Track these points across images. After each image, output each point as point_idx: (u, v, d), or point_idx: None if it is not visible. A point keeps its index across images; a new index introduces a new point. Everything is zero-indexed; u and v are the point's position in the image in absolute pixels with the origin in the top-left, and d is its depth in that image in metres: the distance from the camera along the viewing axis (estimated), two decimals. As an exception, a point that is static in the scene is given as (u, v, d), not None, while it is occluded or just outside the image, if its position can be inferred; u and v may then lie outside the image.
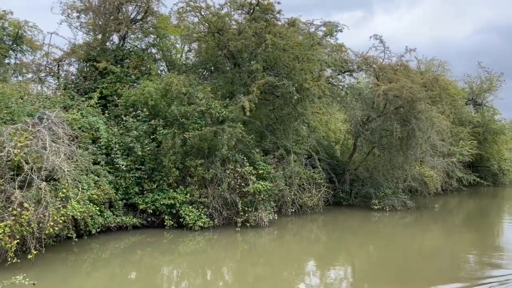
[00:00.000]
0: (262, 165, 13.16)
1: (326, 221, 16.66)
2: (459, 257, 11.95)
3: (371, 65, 17.50)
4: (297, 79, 12.08)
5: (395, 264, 10.99)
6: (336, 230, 15.58)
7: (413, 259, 11.70)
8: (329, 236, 14.67)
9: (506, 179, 34.17)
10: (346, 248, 13.14)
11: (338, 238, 14.41)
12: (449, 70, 31.06)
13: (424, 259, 11.70)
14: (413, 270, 10.52)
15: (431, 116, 17.20)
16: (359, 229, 15.78)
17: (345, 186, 19.00)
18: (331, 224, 16.48)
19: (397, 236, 14.89)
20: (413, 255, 12.25)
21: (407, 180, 18.65)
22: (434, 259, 11.59)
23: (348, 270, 10.93)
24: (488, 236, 15.76)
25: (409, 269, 10.58)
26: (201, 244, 12.15)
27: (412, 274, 10.17)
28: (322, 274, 10.37)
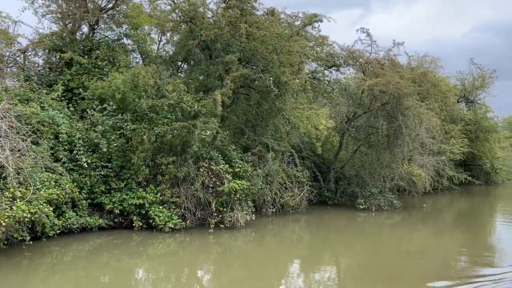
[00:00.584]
0: (239, 163, 12.45)
1: (310, 221, 16.01)
2: (448, 256, 11.38)
3: (357, 59, 16.82)
4: (275, 72, 11.36)
5: (382, 264, 10.46)
6: (320, 230, 14.93)
7: (400, 259, 11.26)
8: (312, 237, 14.03)
9: (498, 178, 33.68)
10: (330, 248, 12.54)
11: (322, 238, 13.77)
12: (442, 67, 30.48)
13: (412, 259, 11.30)
14: (400, 270, 10.10)
15: (419, 112, 16.56)
16: (344, 229, 15.17)
17: (330, 185, 18.34)
18: (315, 224, 15.84)
19: (384, 236, 14.35)
20: (400, 255, 11.82)
21: (394, 179, 18.03)
22: (422, 259, 11.09)
23: (333, 271, 10.37)
24: (479, 235, 15.31)
25: (397, 269, 10.14)
26: (172, 246, 11.45)
27: (400, 274, 9.72)
28: (304, 276, 9.82)
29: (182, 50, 12.80)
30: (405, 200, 19.51)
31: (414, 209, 18.69)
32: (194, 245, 11.63)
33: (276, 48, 11.50)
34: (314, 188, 18.28)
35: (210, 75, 11.93)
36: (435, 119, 17.84)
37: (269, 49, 11.93)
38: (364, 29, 17.03)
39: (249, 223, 13.08)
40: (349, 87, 17.18)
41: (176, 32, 12.68)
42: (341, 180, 18.70)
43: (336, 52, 17.54)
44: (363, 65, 16.92)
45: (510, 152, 44.97)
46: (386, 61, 16.81)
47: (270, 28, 11.70)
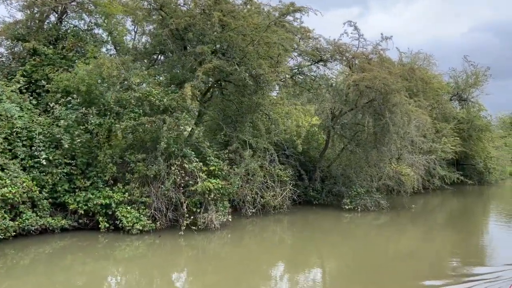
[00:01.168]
0: (214, 161, 11.75)
1: (293, 221, 15.34)
2: (440, 256, 10.97)
3: (344, 53, 16.12)
4: (252, 65, 10.67)
5: (370, 265, 9.93)
6: (303, 231, 14.25)
7: (389, 260, 10.76)
8: (295, 238, 13.36)
9: (491, 178, 33.15)
10: (314, 250, 11.86)
11: (305, 239, 13.09)
12: (435, 64, 29.83)
13: (402, 259, 10.85)
14: (390, 271, 9.58)
15: (408, 110, 15.91)
16: (329, 230, 14.52)
17: (316, 184, 17.68)
18: (298, 224, 15.16)
19: (371, 237, 13.76)
20: (389, 256, 11.32)
21: (382, 179, 17.40)
22: (412, 259, 10.73)
23: (317, 273, 9.78)
24: (471, 235, 14.74)
25: (386, 270, 9.61)
26: (140, 249, 10.75)
27: (389, 274, 9.29)
28: (286, 279, 9.20)
29: (155, 41, 12.06)
30: (393, 200, 18.90)
31: (403, 210, 18.07)
32: (164, 248, 10.93)
33: (253, 39, 10.78)
34: (299, 187, 17.64)
35: (183, 67, 11.21)
36: (425, 117, 17.14)
37: (247, 41, 11.22)
38: (351, 23, 16.36)
39: (226, 225, 12.40)
40: (336, 82, 16.48)
41: (149, 22, 11.94)
42: (328, 179, 18.05)
43: (323, 46, 16.88)
44: (349, 60, 16.24)
45: (504, 151, 44.62)
46: (374, 56, 16.13)
47: (247, 18, 10.98)
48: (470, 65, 28.19)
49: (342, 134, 17.05)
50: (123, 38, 13.37)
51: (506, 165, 42.57)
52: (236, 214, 14.43)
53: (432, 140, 23.21)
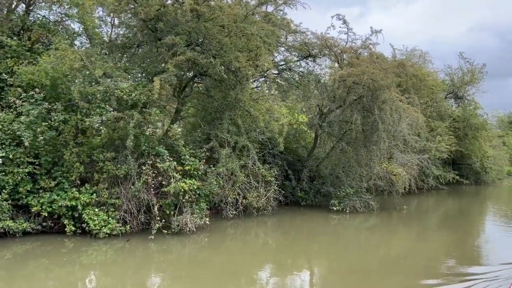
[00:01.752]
0: (189, 160, 11.05)
1: (278, 223, 14.66)
2: (434, 258, 10.52)
3: (332, 48, 15.43)
4: (228, 57, 9.97)
5: (360, 269, 9.40)
6: (288, 234, 13.58)
7: (380, 263, 10.21)
8: (279, 241, 12.68)
9: (488, 178, 32.50)
10: (299, 253, 11.16)
11: (290, 242, 12.41)
12: (430, 61, 29.14)
13: (393, 262, 10.39)
14: (380, 274, 9.14)
15: (398, 106, 15.22)
16: (316, 232, 13.85)
17: (303, 184, 17.01)
18: (284, 227, 14.48)
19: (360, 240, 13.17)
20: (380, 259, 10.76)
21: (372, 179, 16.73)
22: (405, 261, 10.36)
23: (303, 278, 9.11)
24: (467, 236, 14.16)
25: (376, 274, 9.16)
26: (108, 254, 10.06)
27: (380, 278, 8.86)
28: (268, 285, 8.59)
29: (131, 32, 11.37)
30: (384, 201, 18.24)
31: (394, 211, 17.40)
32: (135, 253, 10.23)
33: (230, 30, 10.08)
34: (286, 188, 16.97)
35: (156, 60, 10.50)
36: (417, 115, 16.47)
37: (224, 32, 10.52)
38: (340, 16, 15.68)
39: (203, 228, 11.72)
40: (323, 78, 15.80)
41: (124, 12, 11.23)
42: (316, 179, 17.38)
43: (311, 41, 16.20)
44: (337, 55, 15.55)
45: (502, 151, 43.99)
46: (364, 51, 15.45)
47: (224, 8, 10.27)
48: (466, 62, 27.55)
49: (330, 133, 16.36)
50: (99, 30, 12.66)
51: (503, 165, 41.97)
52: (217, 216, 13.76)
53: (426, 139, 22.56)
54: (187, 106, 12.93)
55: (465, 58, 27.56)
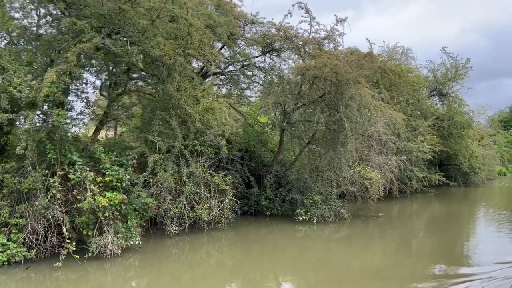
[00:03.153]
0: (111, 169, 9.31)
1: (234, 238, 12.91)
2: (415, 267, 9.78)
3: (292, 39, 13.81)
4: (148, 44, 8.30)
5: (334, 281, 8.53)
6: (245, 250, 11.82)
7: (357, 274, 9.17)
8: (235, 259, 10.95)
9: (477, 179, 31.00)
10: (259, 273, 9.46)
11: (247, 261, 10.68)
12: (413, 57, 27.74)
13: (371, 272, 9.23)
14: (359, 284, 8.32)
15: (368, 103, 13.60)
16: (280, 247, 12.14)
17: (268, 192, 15.31)
18: (241, 242, 12.70)
19: (331, 254, 11.67)
20: (356, 270, 9.57)
21: (344, 184, 15.06)
22: (383, 271, 9.42)
23: None
24: (453, 243, 12.82)
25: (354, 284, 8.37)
26: (7, 286, 8.27)
27: None
28: None
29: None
30: (359, 208, 16.57)
31: (370, 219, 15.73)
32: (43, 284, 8.46)
33: (150, 12, 8.41)
34: (250, 196, 15.28)
35: (58, 49, 8.76)
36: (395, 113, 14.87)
37: (149, 16, 8.84)
38: (301, 5, 14.06)
39: (133, 250, 9.95)
40: (285, 74, 14.16)
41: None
42: (283, 185, 15.68)
43: (272, 33, 14.60)
44: (299, 47, 13.92)
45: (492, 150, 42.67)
46: (327, 42, 13.85)
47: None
48: (449, 57, 26.09)
49: (294, 134, 14.70)
50: (19, 21, 10.93)
51: (494, 164, 40.60)
52: (159, 234, 11.97)
53: (407, 139, 21.00)
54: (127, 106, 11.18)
55: (448, 53, 26.14)
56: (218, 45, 14.97)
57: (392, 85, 21.74)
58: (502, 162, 54.81)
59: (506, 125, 67.14)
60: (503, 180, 42.32)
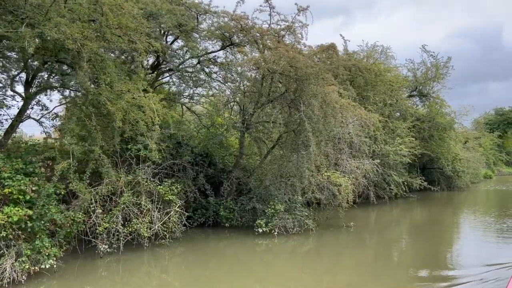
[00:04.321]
0: (12, 179, 7.72)
1: (183, 255, 11.36)
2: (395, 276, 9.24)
3: (248, 30, 12.41)
4: (48, 26, 6.81)
5: None
6: (193, 269, 10.22)
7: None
8: (182, 281, 9.41)
9: (461, 182, 29.87)
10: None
11: (196, 283, 9.15)
12: (393, 57, 26.57)
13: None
14: None
15: (332, 101, 12.22)
16: (236, 264, 10.63)
17: (228, 201, 13.81)
18: (191, 260, 11.11)
19: (297, 269, 10.26)
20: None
21: (310, 191, 13.64)
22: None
23: None
24: (436, 249, 12.00)
25: None
26: None
27: None
28: None
29: None
30: (330, 217, 15.13)
31: (340, 229, 14.31)
32: None
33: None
34: (210, 206, 13.78)
35: None
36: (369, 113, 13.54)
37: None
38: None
39: (46, 275, 8.35)
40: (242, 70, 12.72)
41: None
42: (244, 193, 14.19)
43: (229, 25, 13.19)
44: (256, 39, 12.53)
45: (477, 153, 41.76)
46: (287, 34, 12.46)
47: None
48: (429, 56, 24.98)
49: (253, 136, 13.26)
50: None
51: (479, 167, 39.68)
52: (89, 253, 10.36)
53: (384, 142, 19.73)
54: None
55: (428, 51, 25.04)
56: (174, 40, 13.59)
57: (368, 84, 20.50)
58: (488, 165, 54.17)
59: (491, 127, 66.81)
60: (489, 184, 41.36)
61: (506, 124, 67.60)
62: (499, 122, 67.83)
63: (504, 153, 65.09)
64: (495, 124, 67.63)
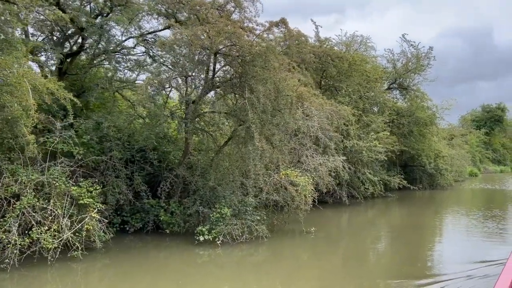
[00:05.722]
0: None
1: (104, 270, 9.50)
2: None
3: (187, 2, 10.54)
4: None
5: None
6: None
7: None
8: None
9: (444, 181, 28.45)
10: None
11: None
12: (373, 47, 24.92)
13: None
14: None
15: (286, 88, 10.43)
16: (174, 280, 8.84)
17: (172, 205, 11.99)
18: (112, 275, 9.23)
19: (248, 285, 8.73)
20: None
21: (263, 192, 11.89)
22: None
23: None
24: (419, 254, 11.12)
25: None
26: None
27: None
28: None
29: None
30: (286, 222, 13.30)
31: (298, 236, 12.60)
32: None
33: None
34: (151, 209, 11.95)
35: None
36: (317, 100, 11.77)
37: None
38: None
39: None
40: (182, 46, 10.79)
41: None
42: (190, 195, 12.35)
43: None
44: (196, 13, 10.66)
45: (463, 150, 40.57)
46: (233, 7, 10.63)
47: None
48: (409, 45, 23.35)
49: (197, 128, 11.44)
50: None
51: (465, 165, 38.43)
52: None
53: (358, 137, 18.07)
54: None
55: (409, 41, 23.41)
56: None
57: (341, 75, 18.80)
58: (474, 162, 53.16)
59: (478, 124, 65.92)
60: (474, 182, 40.18)
61: (493, 122, 66.72)
62: (486, 119, 66.95)
63: (491, 150, 64.31)
64: (482, 121, 66.73)
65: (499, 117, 65.30)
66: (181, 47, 9.25)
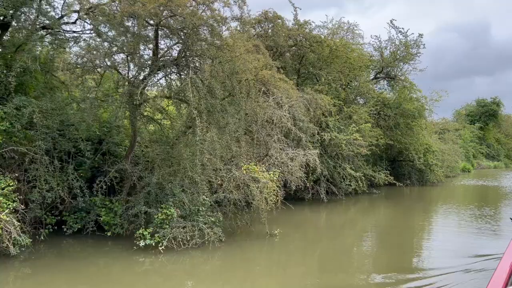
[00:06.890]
0: None
1: (15, 285, 8.03)
2: None
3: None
4: None
5: None
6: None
7: None
8: None
9: (434, 177, 27.11)
10: None
11: None
12: (360, 35, 23.34)
13: None
14: None
15: (242, 70, 8.87)
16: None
17: (114, 203, 10.48)
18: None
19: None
20: None
21: (221, 189, 10.40)
22: None
23: None
24: (413, 251, 10.77)
25: None
26: None
27: None
28: None
29: None
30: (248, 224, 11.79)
31: (259, 239, 11.13)
32: None
33: None
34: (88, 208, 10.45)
35: None
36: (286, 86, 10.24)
37: None
38: None
39: None
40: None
41: None
42: (137, 192, 10.85)
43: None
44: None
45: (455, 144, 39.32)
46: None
47: None
48: (398, 32, 21.79)
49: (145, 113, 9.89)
50: None
51: (457, 160, 37.15)
52: None
53: (337, 129, 16.59)
54: None
55: (397, 27, 21.85)
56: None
57: (322, 62, 17.25)
58: (467, 157, 51.96)
59: (472, 119, 64.67)
60: (466, 177, 38.90)
61: (488, 116, 65.36)
62: (480, 113, 65.63)
63: (485, 145, 63.11)
64: (477, 116, 65.43)
65: (494, 111, 64.01)
66: (121, 18, 7.67)
